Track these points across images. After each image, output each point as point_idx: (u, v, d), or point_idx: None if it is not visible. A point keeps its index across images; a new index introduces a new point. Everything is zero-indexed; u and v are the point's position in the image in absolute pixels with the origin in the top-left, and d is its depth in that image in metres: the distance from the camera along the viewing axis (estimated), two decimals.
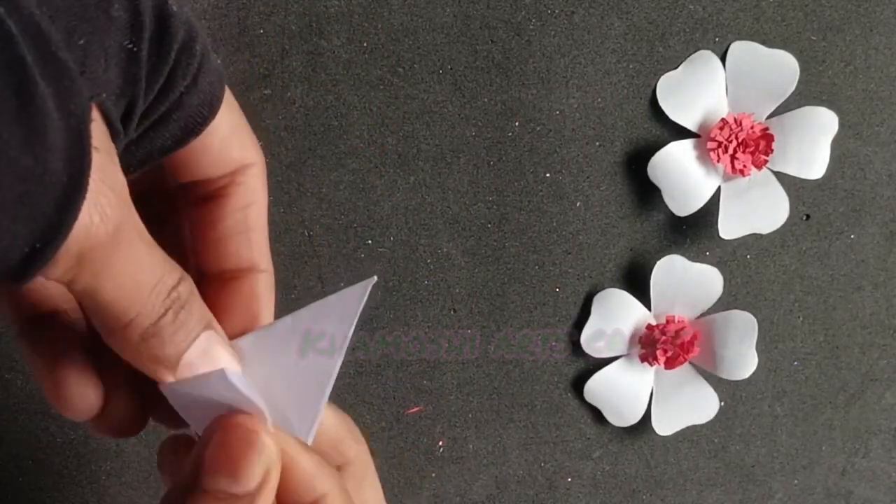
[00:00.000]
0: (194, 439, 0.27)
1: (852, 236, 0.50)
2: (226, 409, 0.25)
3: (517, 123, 0.46)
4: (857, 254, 0.50)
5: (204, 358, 0.25)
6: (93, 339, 0.26)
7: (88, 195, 0.20)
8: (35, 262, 0.20)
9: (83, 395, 0.26)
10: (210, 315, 0.25)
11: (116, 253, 0.21)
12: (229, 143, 0.27)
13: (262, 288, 0.28)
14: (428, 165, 0.46)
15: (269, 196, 0.29)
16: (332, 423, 0.29)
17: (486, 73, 0.46)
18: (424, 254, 0.47)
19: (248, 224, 0.28)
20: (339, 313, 0.26)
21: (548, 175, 0.47)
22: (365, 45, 0.45)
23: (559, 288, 0.48)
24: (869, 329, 0.51)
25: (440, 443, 0.49)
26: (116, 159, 0.22)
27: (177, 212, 0.29)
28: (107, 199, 0.21)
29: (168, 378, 0.24)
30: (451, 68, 0.45)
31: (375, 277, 0.26)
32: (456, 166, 0.46)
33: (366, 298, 0.26)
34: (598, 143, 0.47)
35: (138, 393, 0.27)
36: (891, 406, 0.52)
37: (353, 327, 0.26)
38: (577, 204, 0.48)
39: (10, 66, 0.18)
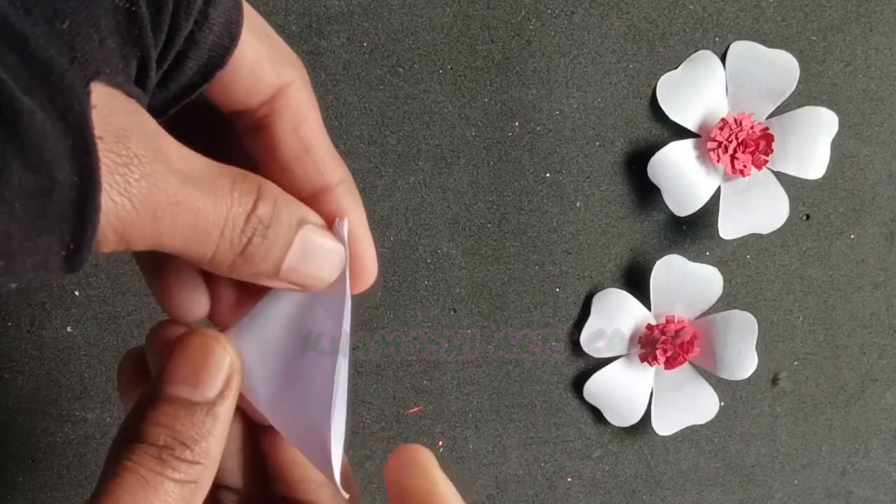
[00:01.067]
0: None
1: (852, 236, 0.50)
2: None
3: (517, 123, 0.46)
4: (857, 254, 0.50)
5: (309, 255, 0.25)
6: None
7: (103, 181, 0.20)
8: (76, 260, 0.20)
9: (193, 302, 0.27)
10: (302, 209, 0.25)
11: (159, 214, 0.21)
12: (260, 67, 0.26)
13: (345, 201, 0.28)
14: (428, 165, 0.46)
15: None
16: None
17: (486, 74, 0.46)
18: (424, 254, 0.47)
19: (304, 145, 0.27)
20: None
21: (548, 175, 0.47)
22: (365, 45, 0.45)
23: (559, 288, 0.48)
24: (869, 329, 0.51)
25: (440, 443, 0.49)
26: (137, 121, 0.21)
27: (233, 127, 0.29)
28: (122, 176, 0.20)
29: (276, 282, 0.25)
30: (451, 68, 0.45)
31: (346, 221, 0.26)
32: (456, 166, 0.46)
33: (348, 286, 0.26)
34: (598, 143, 0.47)
35: (242, 289, 0.27)
36: (891, 406, 0.52)
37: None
38: (577, 204, 0.48)
39: None
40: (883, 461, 0.53)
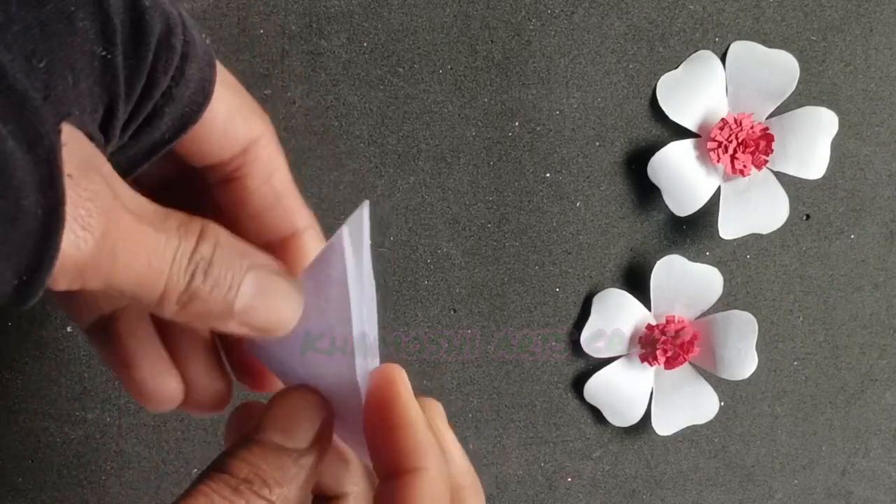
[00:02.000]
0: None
1: (852, 236, 0.50)
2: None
3: (517, 123, 0.46)
4: (857, 254, 0.50)
5: (262, 296, 0.24)
6: (162, 327, 0.27)
7: (68, 214, 0.20)
8: (27, 292, 0.20)
9: (162, 387, 0.27)
10: (252, 254, 0.25)
11: (117, 251, 0.21)
12: (232, 122, 0.26)
13: (311, 246, 0.28)
14: (428, 165, 0.46)
15: None
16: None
17: (486, 73, 0.46)
18: (424, 254, 0.47)
19: (276, 194, 0.27)
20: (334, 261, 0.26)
21: (548, 175, 0.47)
22: (365, 45, 0.45)
23: (559, 288, 0.48)
24: (869, 329, 0.51)
25: None
26: (97, 162, 0.22)
27: (209, 192, 0.29)
28: (86, 211, 0.20)
29: (233, 327, 0.24)
30: (451, 68, 0.45)
31: (367, 201, 0.26)
32: (456, 166, 0.46)
33: (367, 223, 0.26)
34: (598, 143, 0.47)
35: (218, 367, 0.27)
36: (891, 406, 0.52)
37: (349, 270, 0.25)
38: (577, 204, 0.48)
39: None
40: (883, 461, 0.53)
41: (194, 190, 0.29)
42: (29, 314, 0.45)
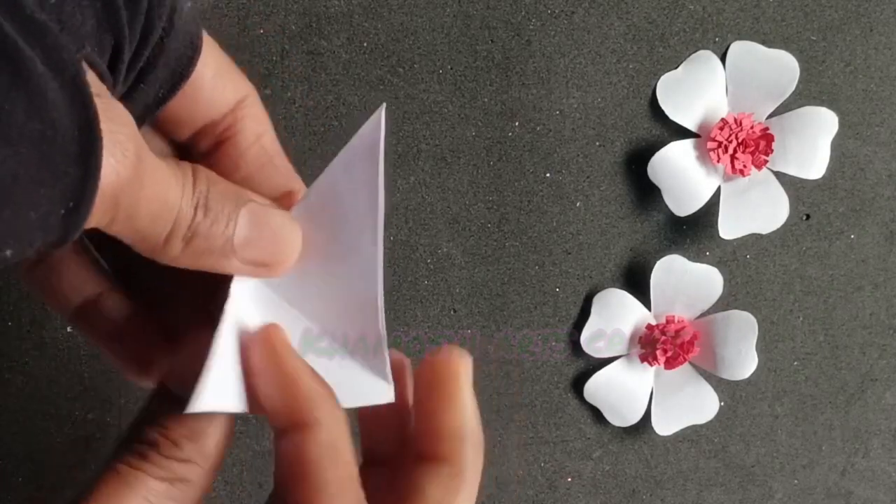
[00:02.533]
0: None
1: (852, 236, 0.50)
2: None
3: (517, 123, 0.46)
4: (857, 254, 0.50)
5: (260, 228, 0.25)
6: (139, 311, 0.27)
7: (104, 137, 0.20)
8: (74, 219, 0.20)
9: (149, 363, 0.27)
10: (243, 192, 0.25)
11: (145, 182, 0.21)
12: (221, 80, 0.27)
13: None
14: (428, 165, 0.46)
15: None
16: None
17: (486, 74, 0.46)
18: (424, 254, 0.47)
19: (267, 152, 0.27)
20: (363, 155, 0.26)
21: (548, 175, 0.47)
22: (365, 45, 0.45)
23: (559, 288, 0.48)
24: (869, 329, 0.51)
25: None
26: (116, 101, 0.22)
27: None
28: (122, 135, 0.21)
29: (236, 265, 0.24)
30: (451, 68, 0.45)
31: (384, 104, 0.26)
32: (456, 166, 0.46)
33: (383, 127, 0.25)
34: (598, 143, 0.47)
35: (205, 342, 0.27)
36: (891, 406, 0.52)
37: (381, 163, 0.25)
38: (577, 204, 0.48)
39: None
40: (883, 461, 0.53)
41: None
42: (29, 314, 0.45)
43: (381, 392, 0.26)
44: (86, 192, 0.20)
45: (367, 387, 0.26)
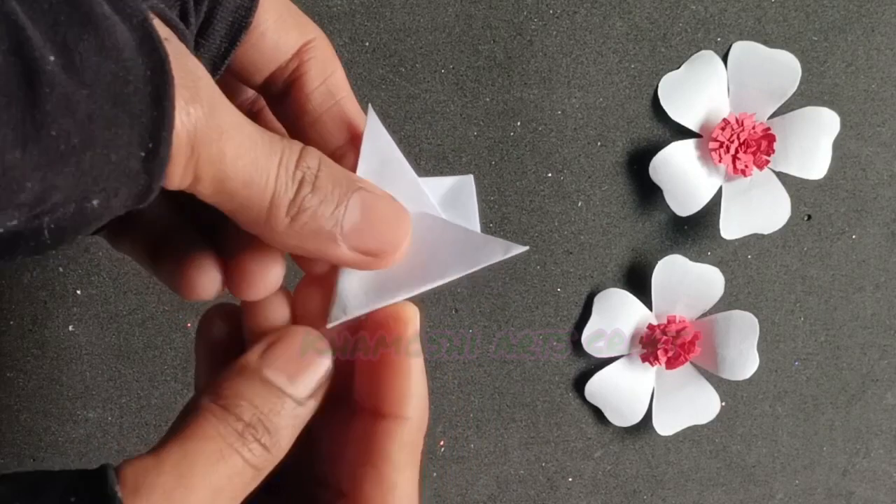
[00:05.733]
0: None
1: (853, 236, 0.50)
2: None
3: (519, 123, 0.46)
4: (858, 254, 0.50)
5: (371, 217, 0.24)
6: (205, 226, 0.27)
7: (174, 76, 0.20)
8: (156, 165, 0.20)
9: (208, 284, 0.26)
10: (356, 178, 0.25)
11: (225, 132, 0.21)
12: (284, 24, 0.26)
13: None
14: (430, 165, 0.46)
15: None
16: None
17: (487, 73, 0.46)
18: None
19: (335, 94, 0.27)
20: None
21: (549, 175, 0.47)
22: (367, 44, 0.45)
23: (560, 288, 0.48)
24: (870, 329, 0.51)
25: (441, 443, 0.49)
26: (189, 51, 0.22)
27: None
28: (191, 81, 0.20)
29: (344, 251, 0.24)
30: (453, 68, 0.45)
31: (471, 176, 0.26)
32: (458, 166, 0.46)
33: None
34: (599, 143, 0.47)
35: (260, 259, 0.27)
36: (892, 406, 0.52)
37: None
38: (579, 204, 0.48)
39: None
40: (884, 461, 0.53)
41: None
42: (31, 313, 0.45)
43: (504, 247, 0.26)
44: (162, 132, 0.20)
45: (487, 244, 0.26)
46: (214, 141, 0.21)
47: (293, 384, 0.24)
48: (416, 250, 0.26)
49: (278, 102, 0.27)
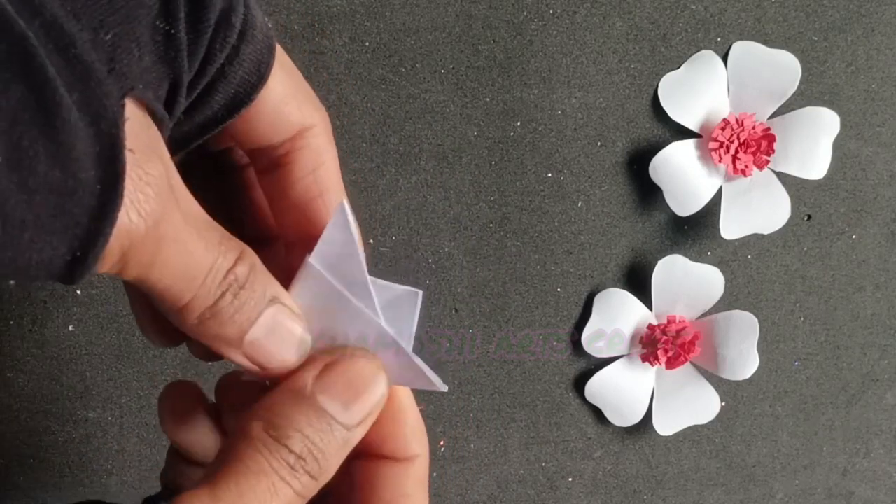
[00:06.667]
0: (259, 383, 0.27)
1: (854, 236, 0.50)
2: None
3: (519, 123, 0.46)
4: (858, 254, 0.50)
5: (274, 335, 0.24)
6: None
7: (125, 196, 0.20)
8: (78, 269, 0.20)
9: (168, 340, 0.27)
10: (277, 288, 0.25)
11: (161, 245, 0.21)
12: (286, 107, 0.26)
13: None
14: (430, 165, 0.46)
15: None
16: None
17: (487, 73, 0.46)
18: (426, 253, 0.47)
19: (319, 187, 0.27)
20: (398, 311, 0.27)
21: (549, 175, 0.47)
22: (367, 44, 0.45)
23: (560, 288, 0.48)
24: (870, 329, 0.51)
25: (441, 443, 0.49)
26: (158, 147, 0.22)
27: (241, 174, 0.29)
28: (144, 196, 0.20)
29: (233, 356, 0.24)
30: (453, 68, 0.45)
31: (420, 292, 0.27)
32: (458, 166, 0.46)
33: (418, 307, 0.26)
34: (599, 143, 0.47)
35: None
36: (892, 406, 0.52)
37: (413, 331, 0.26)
38: (579, 204, 0.48)
39: (32, 79, 0.18)
40: (884, 462, 0.53)
41: (231, 185, 0.29)
42: (31, 313, 0.45)
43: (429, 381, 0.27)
44: (94, 247, 0.20)
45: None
46: (148, 251, 0.21)
47: (346, 411, 0.24)
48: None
49: (265, 171, 0.27)
